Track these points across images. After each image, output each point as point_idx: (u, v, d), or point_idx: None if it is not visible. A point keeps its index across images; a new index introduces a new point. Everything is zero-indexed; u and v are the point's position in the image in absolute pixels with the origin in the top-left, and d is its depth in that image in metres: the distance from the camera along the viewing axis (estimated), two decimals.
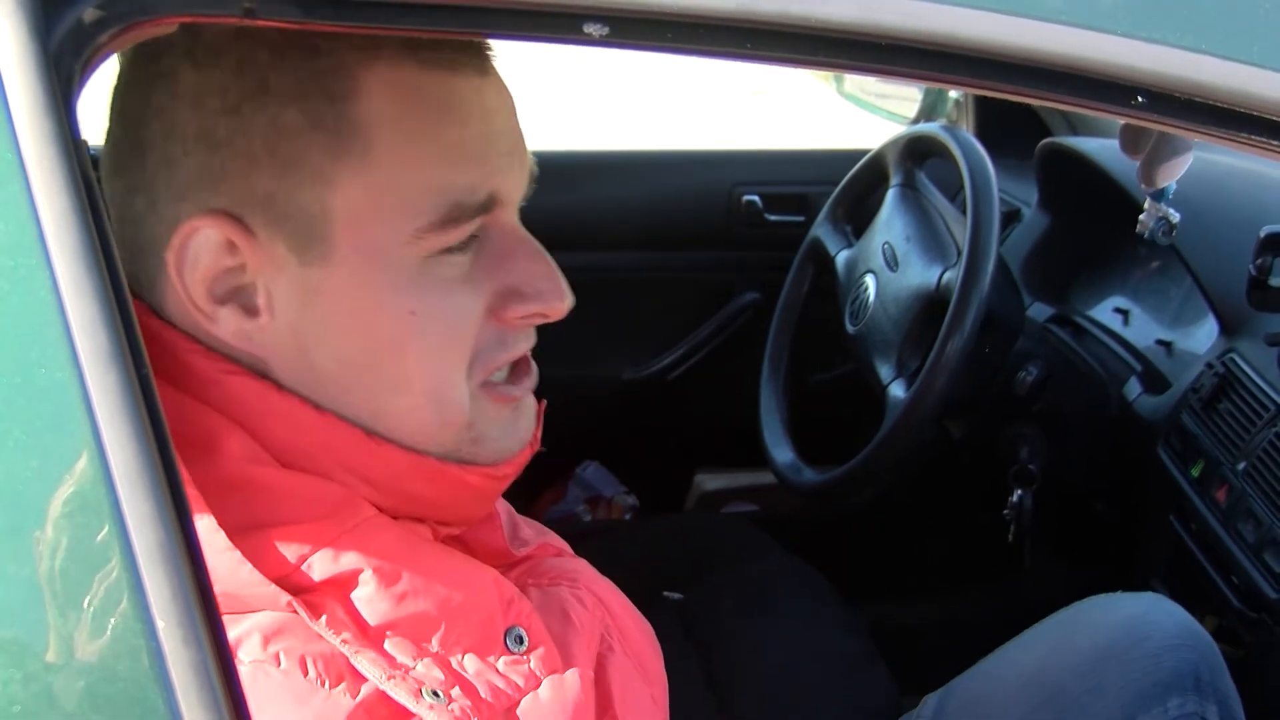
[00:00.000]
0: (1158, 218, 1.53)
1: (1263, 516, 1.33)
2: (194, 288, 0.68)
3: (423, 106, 0.68)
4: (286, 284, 0.69)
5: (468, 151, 0.69)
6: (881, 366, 1.65)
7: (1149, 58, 0.57)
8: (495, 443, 0.76)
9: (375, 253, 0.68)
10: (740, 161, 2.41)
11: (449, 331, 0.71)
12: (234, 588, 0.65)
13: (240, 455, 0.68)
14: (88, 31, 0.54)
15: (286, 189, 0.66)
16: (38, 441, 0.52)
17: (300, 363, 0.70)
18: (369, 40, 0.66)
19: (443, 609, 0.71)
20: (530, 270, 0.73)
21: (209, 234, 0.67)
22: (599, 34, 0.56)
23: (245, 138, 0.66)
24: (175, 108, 0.67)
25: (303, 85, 0.66)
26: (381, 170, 0.67)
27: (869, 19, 0.56)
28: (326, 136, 0.66)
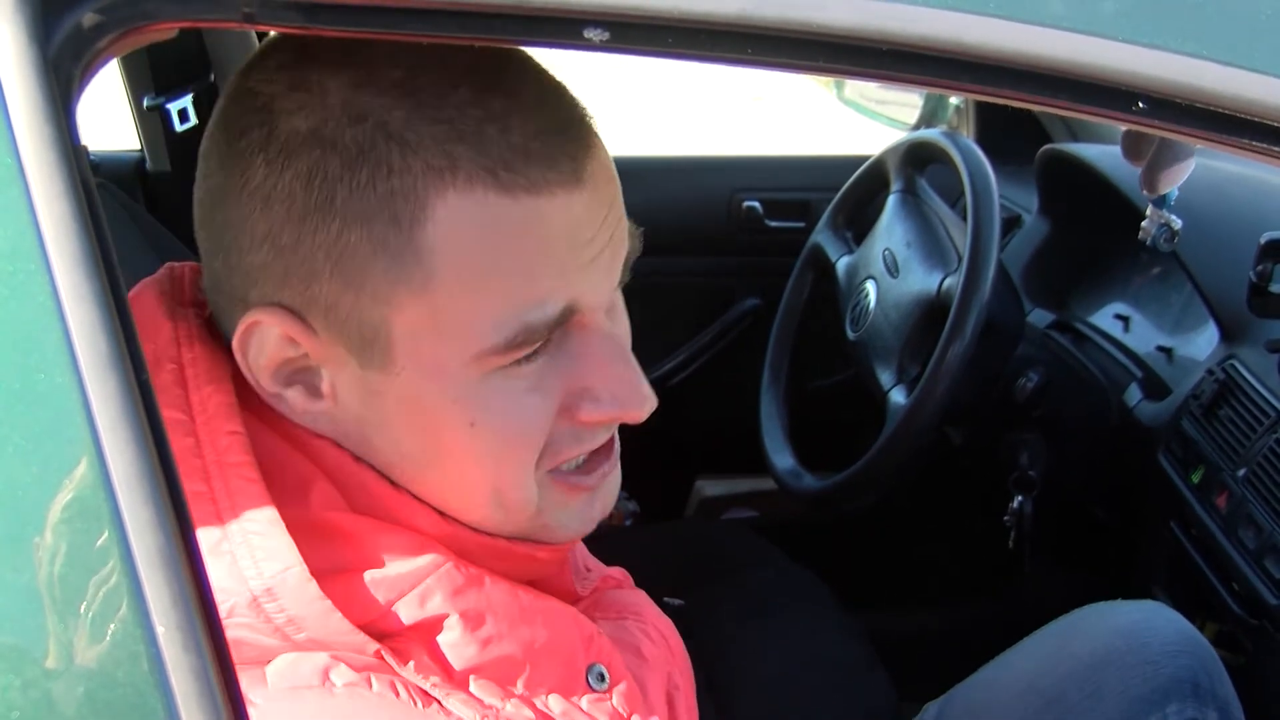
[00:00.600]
0: (1160, 224, 1.53)
1: (1263, 523, 1.33)
2: (259, 374, 0.67)
3: (496, 235, 0.64)
4: (349, 379, 0.68)
5: (543, 271, 0.65)
6: (882, 373, 1.65)
7: (1150, 63, 0.57)
8: (565, 528, 0.74)
9: (435, 369, 0.66)
10: (741, 167, 2.41)
11: (511, 439, 0.68)
12: (322, 635, 0.65)
13: (326, 503, 0.68)
14: (87, 36, 0.53)
15: (347, 301, 0.65)
16: (37, 447, 0.52)
17: (365, 448, 0.69)
18: (446, 160, 0.62)
19: (527, 651, 0.70)
20: (607, 374, 0.70)
21: (271, 329, 0.66)
22: (599, 39, 0.56)
23: (308, 248, 0.64)
24: (247, 202, 0.65)
25: (370, 206, 0.62)
26: (442, 296, 0.64)
27: (870, 24, 0.56)
28: (389, 261, 0.63)
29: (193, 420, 0.65)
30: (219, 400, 0.66)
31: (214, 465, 0.64)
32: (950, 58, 0.57)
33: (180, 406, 0.65)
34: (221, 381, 0.67)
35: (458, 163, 0.62)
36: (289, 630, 0.64)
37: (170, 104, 2.01)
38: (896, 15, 0.56)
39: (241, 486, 0.64)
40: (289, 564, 0.63)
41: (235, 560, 0.63)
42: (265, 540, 0.63)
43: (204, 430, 0.65)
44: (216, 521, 0.63)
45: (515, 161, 0.63)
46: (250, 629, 0.64)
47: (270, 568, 0.63)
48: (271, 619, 0.64)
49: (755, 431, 1.87)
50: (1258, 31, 0.59)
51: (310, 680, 0.64)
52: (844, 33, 0.56)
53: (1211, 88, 0.58)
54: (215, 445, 0.65)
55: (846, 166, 1.92)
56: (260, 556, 0.63)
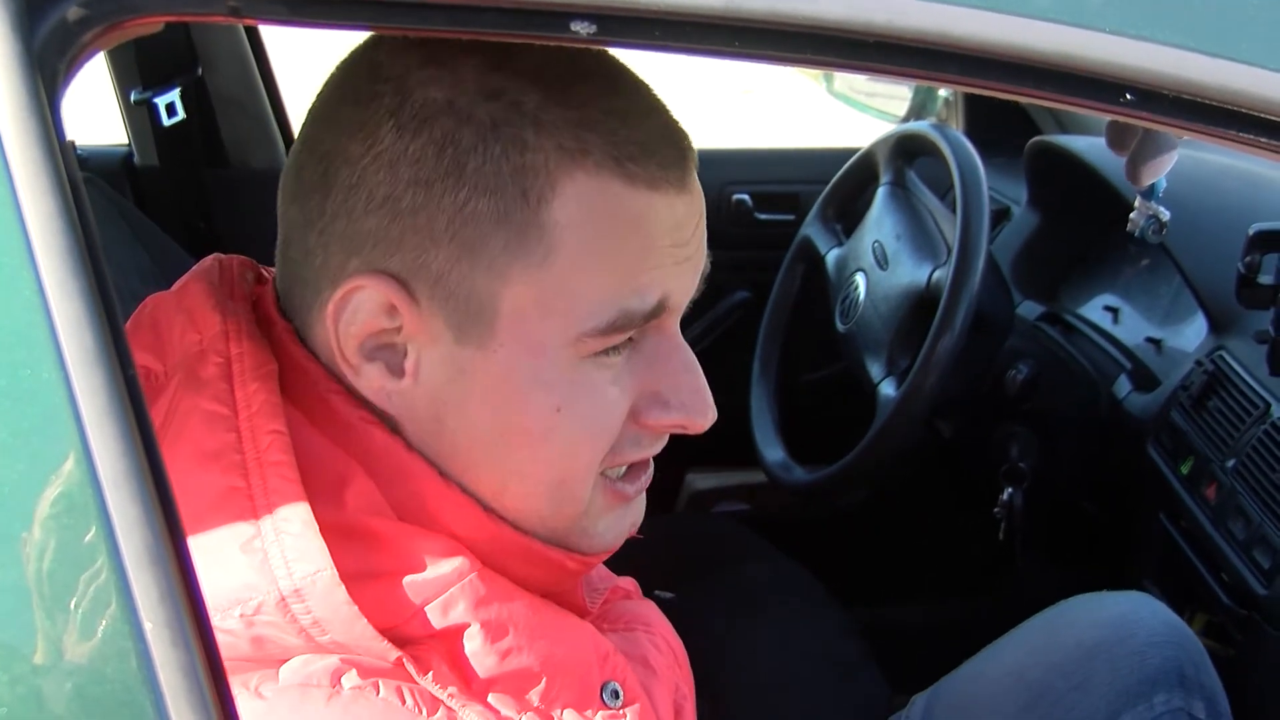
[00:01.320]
0: (1148, 216, 1.54)
1: (1252, 514, 1.33)
2: (346, 341, 0.68)
3: (614, 221, 0.67)
4: (438, 356, 0.68)
5: (648, 264, 0.68)
6: (872, 365, 1.65)
7: (1137, 55, 0.57)
8: (600, 537, 0.75)
9: (534, 349, 0.67)
10: (730, 160, 2.41)
11: (591, 431, 0.70)
12: (346, 639, 0.65)
13: (361, 505, 0.68)
14: (72, 30, 0.53)
15: (460, 271, 0.66)
16: (24, 443, 0.52)
17: (433, 429, 0.70)
18: (578, 144, 0.65)
19: (545, 664, 0.71)
20: (679, 381, 0.72)
21: (372, 294, 0.67)
22: (586, 32, 0.56)
23: (429, 215, 0.65)
24: (369, 165, 0.65)
25: (500, 179, 0.64)
26: (556, 274, 0.66)
27: (857, 17, 0.56)
28: (511, 234, 0.65)
29: (235, 416, 0.66)
30: (264, 398, 0.66)
31: (253, 462, 0.65)
32: (938, 50, 0.57)
33: (225, 401, 0.66)
34: (268, 379, 0.68)
35: (589, 148, 0.65)
36: (314, 632, 0.64)
37: (158, 98, 2.00)
38: (884, 8, 0.56)
39: (280, 485, 0.64)
40: (320, 567, 0.63)
41: (267, 558, 0.63)
42: (299, 541, 0.63)
43: (246, 427, 0.65)
44: (251, 518, 0.64)
45: (640, 156, 0.67)
46: (275, 628, 0.64)
47: (301, 569, 0.63)
48: (298, 619, 0.64)
49: (745, 424, 1.87)
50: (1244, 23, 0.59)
51: (319, 679, 0.64)
52: (832, 25, 0.56)
53: (1198, 79, 0.58)
54: (256, 443, 0.65)
55: (836, 159, 1.92)
56: (292, 557, 0.63)
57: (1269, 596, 1.29)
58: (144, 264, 1.67)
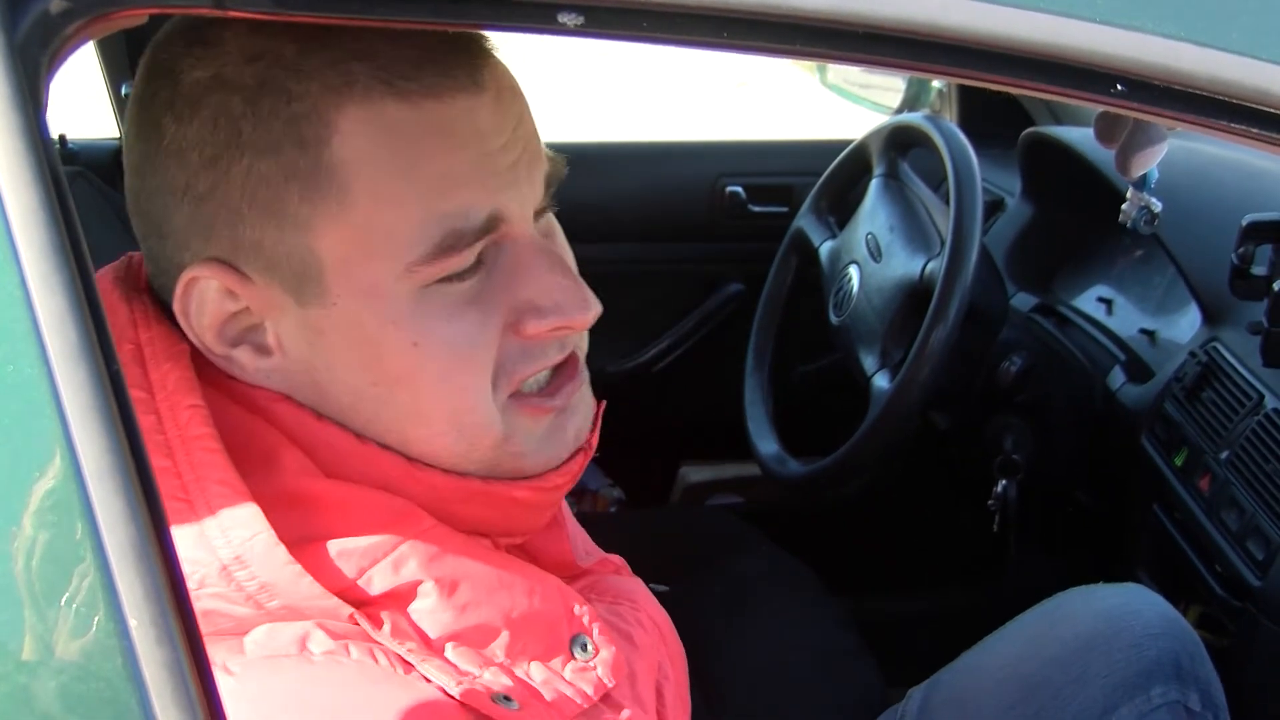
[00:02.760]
0: (1140, 207, 1.54)
1: (1245, 505, 1.33)
2: (203, 334, 0.68)
3: (403, 140, 0.65)
4: (290, 324, 0.68)
5: (459, 177, 0.66)
6: (866, 357, 1.65)
7: (1128, 45, 0.57)
8: (536, 455, 0.73)
9: (369, 291, 0.66)
10: (724, 153, 2.41)
11: (458, 357, 0.68)
12: (294, 600, 0.64)
13: (296, 469, 0.68)
14: (55, 22, 0.53)
15: (271, 237, 0.66)
16: (7, 439, 0.51)
17: (317, 396, 0.70)
18: (342, 78, 0.64)
19: (505, 618, 0.70)
20: (546, 283, 0.70)
21: (208, 283, 0.67)
22: (574, 24, 0.55)
23: (225, 190, 0.65)
24: (164, 162, 0.66)
25: (275, 134, 0.64)
26: (361, 211, 0.65)
27: (846, 7, 0.56)
28: (301, 184, 0.65)
29: (153, 397, 0.65)
30: (177, 375, 0.66)
31: (176, 440, 0.64)
32: (928, 41, 0.57)
33: (140, 384, 0.66)
34: (179, 358, 0.67)
35: (354, 78, 0.64)
36: (261, 598, 0.64)
37: None
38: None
39: (204, 458, 0.64)
40: (256, 530, 0.63)
41: (203, 531, 0.63)
42: (231, 509, 0.63)
43: (164, 406, 0.65)
44: (183, 494, 0.64)
45: (409, 70, 0.65)
46: (222, 599, 0.64)
47: (238, 535, 0.63)
48: (243, 587, 0.64)
49: (740, 417, 1.87)
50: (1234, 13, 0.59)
51: (288, 649, 0.64)
52: (821, 16, 0.56)
53: (1189, 69, 0.58)
54: (176, 420, 0.65)
55: (829, 151, 1.92)
56: (227, 525, 0.63)
57: (1263, 587, 1.29)
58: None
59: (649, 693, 0.80)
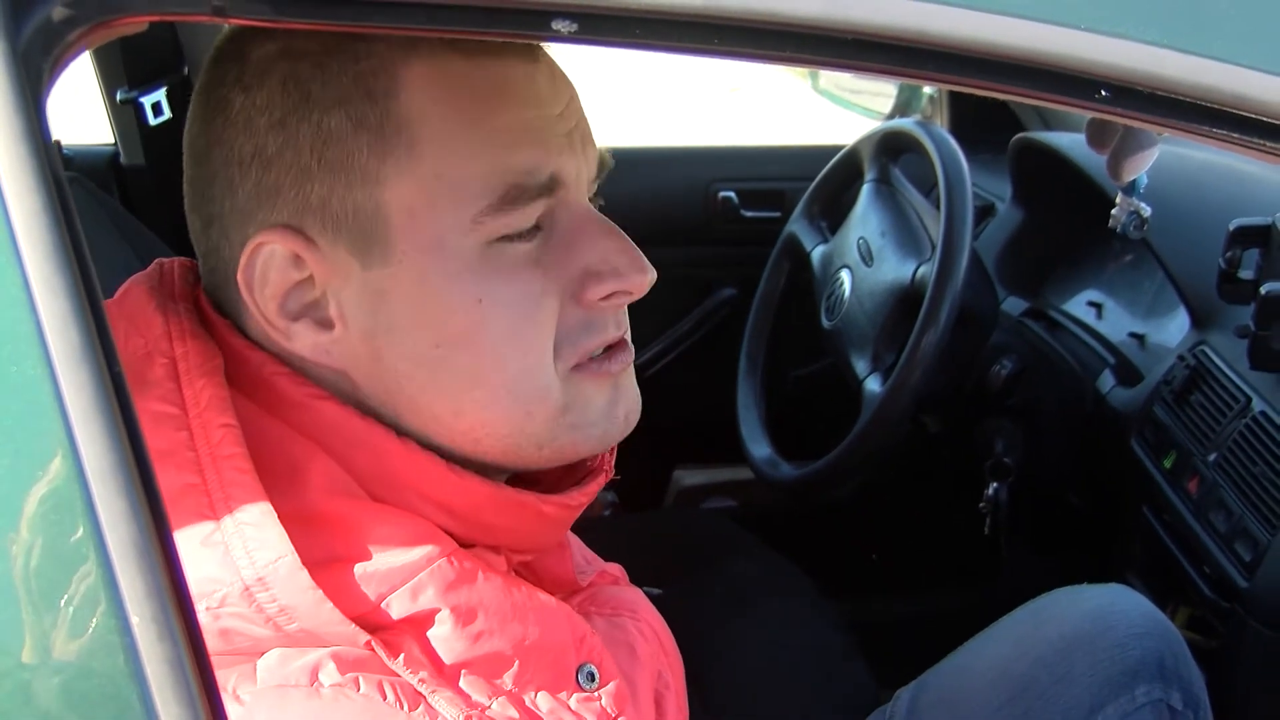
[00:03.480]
0: (1129, 211, 1.55)
1: (1233, 507, 1.34)
2: (266, 305, 0.69)
3: (468, 94, 0.67)
4: (354, 291, 0.69)
5: (521, 134, 0.68)
6: (857, 361, 1.66)
7: (1112, 52, 0.58)
8: (594, 427, 0.74)
9: (435, 245, 0.68)
10: (717, 158, 2.42)
11: (521, 317, 0.70)
12: (314, 625, 0.65)
13: (323, 486, 0.68)
14: (57, 29, 0.53)
15: (339, 193, 0.67)
16: (9, 440, 0.52)
17: (376, 369, 0.70)
18: (407, 39, 0.66)
19: (517, 647, 0.70)
20: (603, 247, 0.72)
21: (274, 249, 0.68)
22: (567, 30, 0.56)
23: (294, 150, 0.66)
24: (230, 133, 0.67)
25: (344, 90, 0.66)
26: (429, 162, 0.67)
27: (835, 14, 0.56)
28: (371, 136, 0.66)
29: (186, 414, 0.66)
30: (211, 393, 0.67)
31: (207, 458, 0.65)
32: (916, 47, 0.58)
33: (173, 400, 0.66)
34: (214, 375, 0.68)
35: (417, 40, 0.66)
36: (281, 620, 0.64)
37: (144, 97, 2.00)
38: (861, 5, 0.56)
39: (235, 478, 0.65)
40: (281, 553, 0.64)
41: (228, 550, 0.64)
42: (258, 531, 0.64)
43: (197, 424, 0.66)
44: (210, 513, 0.64)
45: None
46: (242, 619, 0.64)
47: (262, 557, 0.63)
48: (264, 609, 0.64)
49: (733, 421, 1.87)
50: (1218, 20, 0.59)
51: (298, 679, 0.64)
52: (810, 23, 0.56)
53: (1173, 75, 0.58)
54: (209, 438, 0.65)
55: (821, 156, 1.92)
56: (253, 546, 0.64)
57: (1250, 589, 1.30)
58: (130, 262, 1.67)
59: (649, 704, 0.81)
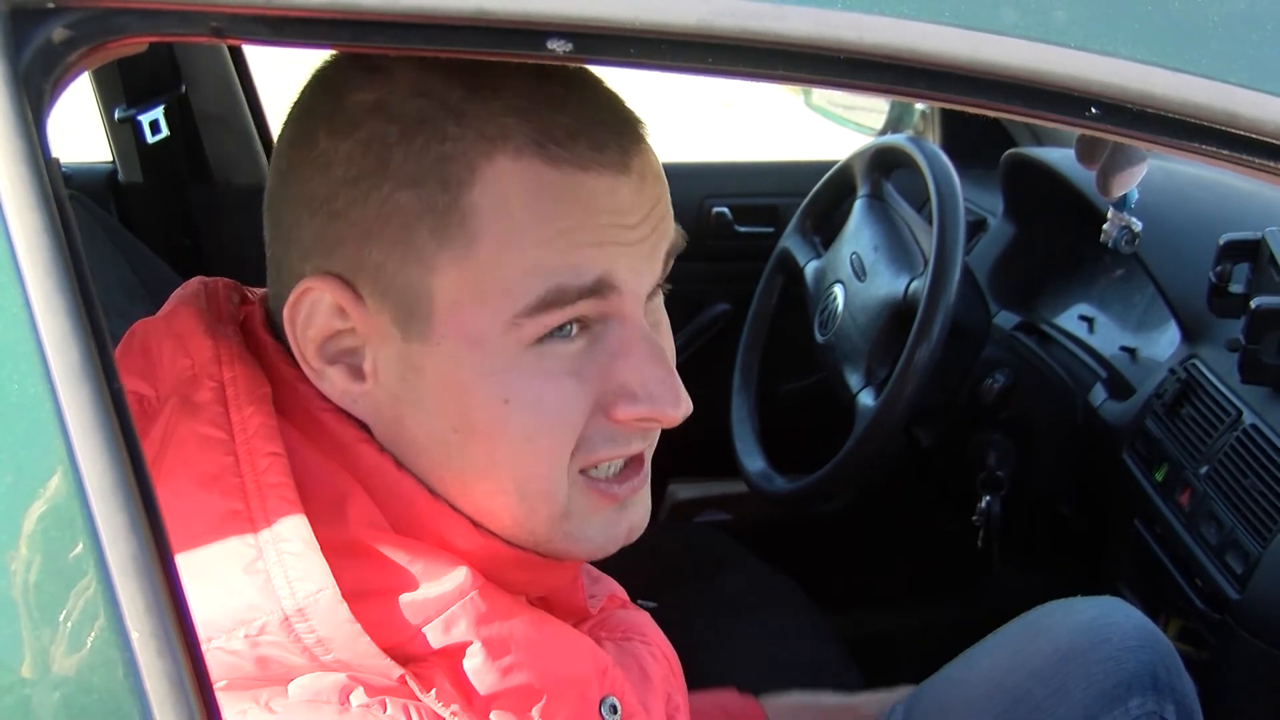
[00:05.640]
0: (1120, 226, 1.56)
1: (1224, 519, 1.35)
2: (306, 345, 0.69)
3: (538, 200, 0.66)
4: (391, 355, 0.69)
5: (579, 238, 0.67)
6: (850, 375, 1.66)
7: (1101, 70, 0.58)
8: (590, 541, 0.74)
9: (474, 338, 0.67)
10: (710, 174, 2.42)
11: (544, 423, 0.69)
12: (349, 657, 0.65)
13: (361, 519, 0.69)
14: (57, 51, 0.54)
15: (394, 265, 0.67)
16: (11, 457, 0.52)
17: (397, 430, 0.70)
18: (499, 130, 0.65)
19: (545, 680, 0.71)
20: (644, 372, 0.70)
21: (322, 295, 0.68)
22: (563, 50, 0.57)
23: (361, 210, 0.66)
24: (308, 171, 0.68)
25: (421, 169, 0.65)
26: (483, 258, 0.66)
27: (828, 34, 0.57)
28: (436, 221, 0.66)
29: (233, 439, 0.66)
30: (259, 421, 0.67)
31: (253, 485, 0.65)
32: (907, 66, 0.58)
33: (221, 425, 0.66)
34: (262, 402, 0.68)
35: (509, 133, 0.65)
36: (317, 651, 0.65)
37: (141, 116, 2.01)
38: (854, 25, 0.57)
39: (279, 507, 0.65)
40: (323, 586, 0.64)
41: (270, 579, 0.64)
42: (301, 562, 0.64)
43: (244, 450, 0.66)
44: (253, 541, 0.64)
45: (564, 138, 0.66)
46: (280, 648, 0.64)
47: (304, 588, 0.64)
48: (301, 639, 0.64)
49: (727, 435, 1.88)
50: (1205, 39, 0.60)
51: (329, 697, 0.64)
52: (803, 42, 0.57)
53: (1161, 93, 0.59)
54: (255, 466, 0.65)
55: (814, 172, 1.93)
56: (295, 577, 0.64)
57: (1241, 600, 1.30)
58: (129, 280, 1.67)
59: None
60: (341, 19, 0.56)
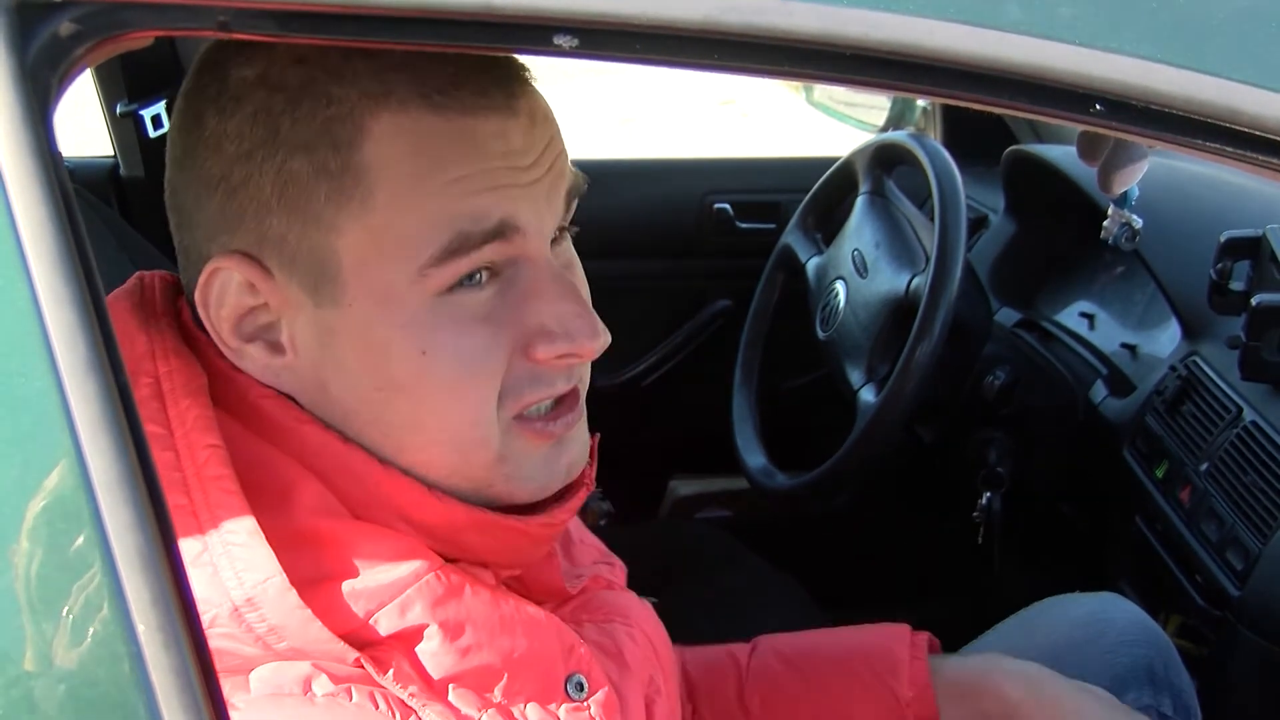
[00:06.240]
0: (1121, 223, 1.56)
1: (1225, 516, 1.35)
2: (220, 325, 0.69)
3: (430, 149, 0.67)
4: (305, 323, 0.69)
5: (476, 184, 0.67)
6: (852, 372, 1.67)
7: (1106, 66, 0.58)
8: (530, 481, 0.74)
9: (384, 294, 0.68)
10: (712, 170, 2.43)
11: (465, 371, 0.69)
12: (303, 644, 0.65)
13: (312, 506, 0.69)
14: (64, 45, 0.54)
15: (296, 233, 0.67)
16: (18, 450, 0.53)
17: (324, 398, 0.71)
18: (381, 86, 0.66)
19: (506, 660, 0.71)
20: (559, 309, 0.71)
21: (231, 274, 0.68)
22: (569, 45, 0.57)
23: (257, 183, 0.66)
24: (202, 152, 0.68)
25: (311, 134, 0.66)
26: (381, 213, 0.67)
27: (833, 30, 0.57)
28: (330, 183, 0.66)
29: (171, 434, 0.66)
30: (197, 413, 0.67)
31: (194, 478, 0.65)
32: (912, 62, 0.58)
33: (159, 420, 0.66)
34: (199, 394, 0.68)
35: (392, 88, 0.66)
36: (270, 639, 0.65)
37: (143, 110, 2.01)
38: (860, 21, 0.57)
39: (221, 499, 0.65)
40: (269, 574, 0.64)
41: (217, 571, 0.64)
42: (246, 551, 0.64)
43: (183, 444, 0.66)
44: (198, 533, 0.64)
45: (447, 87, 0.67)
46: (232, 639, 0.65)
47: (251, 578, 0.64)
48: (253, 629, 0.64)
49: (728, 431, 1.88)
50: (1210, 34, 0.60)
51: (292, 688, 0.64)
52: (809, 38, 0.57)
53: (1165, 89, 0.59)
54: (194, 459, 0.65)
55: (816, 168, 1.93)
56: (241, 567, 0.64)
57: (1242, 597, 1.30)
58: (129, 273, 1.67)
59: (638, 711, 0.81)
60: (348, 14, 0.56)
